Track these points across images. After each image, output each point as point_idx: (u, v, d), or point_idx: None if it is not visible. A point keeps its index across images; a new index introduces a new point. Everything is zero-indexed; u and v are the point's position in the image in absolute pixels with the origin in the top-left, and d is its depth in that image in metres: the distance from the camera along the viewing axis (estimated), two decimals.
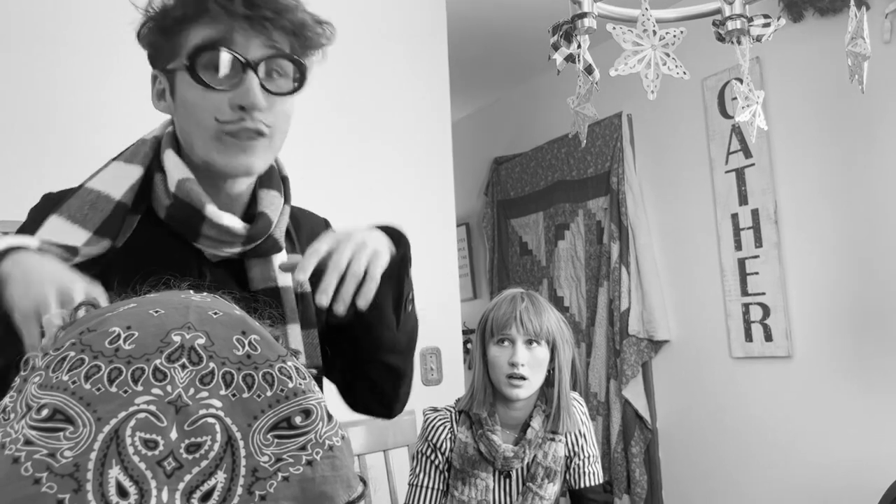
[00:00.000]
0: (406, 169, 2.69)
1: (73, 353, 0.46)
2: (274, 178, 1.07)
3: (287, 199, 1.07)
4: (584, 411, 1.75)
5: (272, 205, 1.02)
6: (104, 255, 0.91)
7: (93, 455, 0.42)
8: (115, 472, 0.42)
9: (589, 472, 1.71)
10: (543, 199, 3.76)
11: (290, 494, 0.44)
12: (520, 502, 1.64)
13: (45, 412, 0.43)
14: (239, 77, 0.89)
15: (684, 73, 0.96)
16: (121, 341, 0.46)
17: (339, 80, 2.61)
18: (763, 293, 2.70)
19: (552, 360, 1.64)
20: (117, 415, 0.43)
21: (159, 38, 0.93)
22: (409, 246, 1.08)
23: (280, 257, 1.02)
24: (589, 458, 1.71)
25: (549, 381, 1.66)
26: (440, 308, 2.72)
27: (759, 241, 2.72)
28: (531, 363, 1.59)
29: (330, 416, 0.50)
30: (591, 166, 3.45)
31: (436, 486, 1.66)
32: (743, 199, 2.77)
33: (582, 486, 1.70)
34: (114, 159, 0.98)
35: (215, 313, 0.50)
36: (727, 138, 2.83)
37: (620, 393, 3.15)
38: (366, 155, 2.62)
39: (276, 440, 0.46)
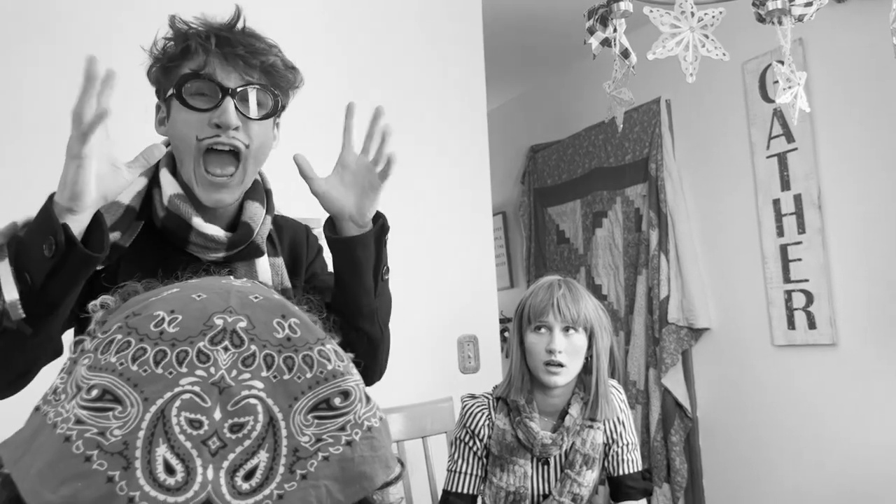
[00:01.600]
0: (442, 158, 2.69)
1: (119, 336, 0.47)
2: (258, 191, 1.22)
3: (269, 209, 1.22)
4: (623, 398, 1.74)
5: (255, 215, 1.17)
6: (117, 250, 1.07)
7: (141, 434, 0.43)
8: (162, 451, 0.43)
9: (628, 460, 1.70)
10: (581, 187, 3.73)
11: (331, 474, 0.46)
12: (558, 489, 1.64)
13: (94, 392, 0.45)
14: (217, 102, 1.06)
15: (724, 54, 0.95)
16: (165, 324, 0.47)
17: (375, 70, 2.62)
18: (806, 280, 2.65)
19: (590, 347, 1.63)
20: (163, 395, 0.44)
21: (160, 74, 1.11)
22: (386, 218, 1.21)
23: (262, 261, 1.19)
24: (627, 445, 1.71)
25: (587, 369, 1.65)
26: (477, 297, 2.73)
27: (801, 227, 2.66)
28: (568, 350, 1.59)
29: (368, 398, 0.51)
30: (629, 153, 3.42)
31: (474, 472, 1.67)
32: (785, 185, 2.72)
33: (620, 473, 1.69)
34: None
35: (255, 297, 0.51)
36: (769, 123, 2.78)
37: (660, 381, 3.13)
38: (401, 145, 2.63)
39: (315, 421, 0.47)
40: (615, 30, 1.09)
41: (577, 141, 3.77)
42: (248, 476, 0.44)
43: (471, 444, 1.69)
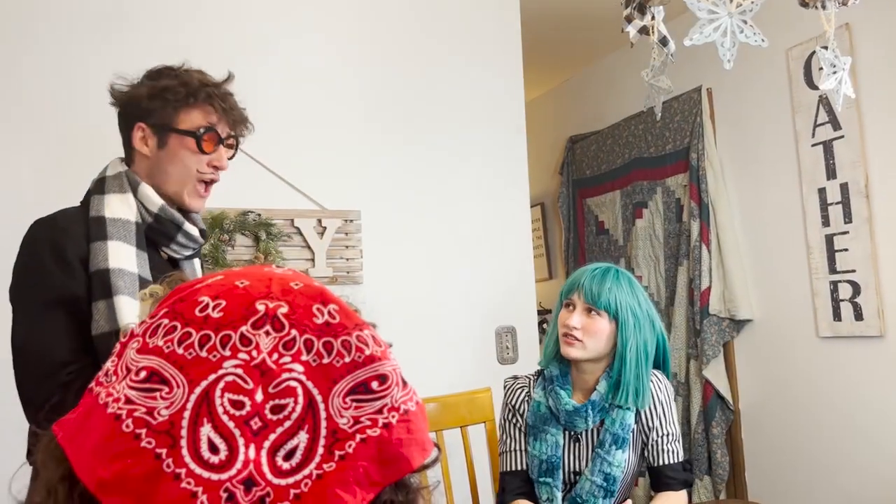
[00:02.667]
0: (480, 150, 2.69)
1: (166, 321, 0.49)
2: None
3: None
4: (664, 388, 1.74)
5: (202, 222, 1.52)
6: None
7: (186, 414, 0.45)
8: (206, 430, 0.45)
9: (668, 451, 1.70)
10: (620, 178, 3.70)
11: (368, 455, 0.47)
12: (589, 468, 1.67)
13: (142, 374, 0.47)
14: (216, 147, 1.43)
15: (763, 40, 0.94)
16: (210, 310, 0.49)
17: (412, 61, 2.63)
18: (853, 270, 2.59)
19: (620, 335, 1.66)
20: (207, 377, 0.46)
21: (159, 107, 1.38)
22: None
23: (197, 261, 1.52)
24: (668, 436, 1.71)
25: (616, 355, 1.69)
26: (515, 288, 2.73)
27: (848, 217, 2.60)
28: (587, 329, 1.66)
29: (405, 383, 0.52)
30: (669, 143, 3.38)
31: (523, 448, 1.75)
32: (831, 173, 2.66)
33: (660, 463, 1.70)
34: (106, 192, 1.38)
35: (296, 284, 0.53)
36: (814, 110, 2.72)
37: (701, 373, 3.09)
38: (440, 137, 2.64)
39: (354, 404, 0.48)
40: (653, 17, 1.08)
41: (617, 131, 3.73)
42: (289, 456, 0.45)
43: (514, 420, 1.77)
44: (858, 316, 2.57)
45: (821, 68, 1.30)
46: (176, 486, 0.43)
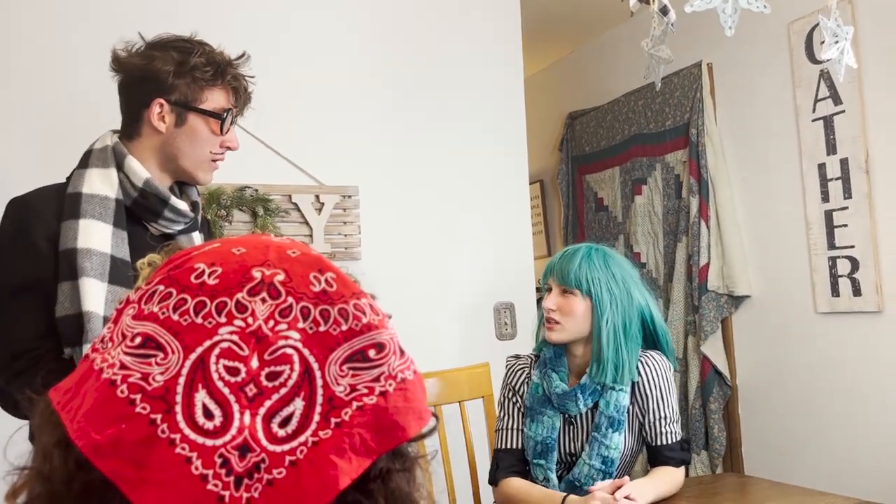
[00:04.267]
0: (478, 126, 2.68)
1: (162, 288, 0.49)
2: None
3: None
4: (660, 369, 1.74)
5: (197, 195, 1.49)
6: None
7: (181, 380, 0.45)
8: (201, 396, 0.44)
9: (666, 432, 1.71)
10: (620, 154, 3.69)
11: (364, 422, 0.47)
12: (587, 452, 1.67)
13: (138, 340, 0.47)
14: (228, 129, 1.41)
15: (764, 6, 0.93)
16: (205, 277, 0.49)
17: (411, 37, 2.61)
18: (852, 246, 2.59)
19: (595, 311, 1.68)
20: (203, 343, 0.46)
21: (186, 84, 1.35)
22: None
23: (196, 235, 1.46)
24: (665, 418, 1.71)
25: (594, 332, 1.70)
26: (514, 264, 2.73)
27: (848, 193, 2.60)
28: (562, 309, 1.68)
29: (402, 352, 0.51)
30: (669, 118, 3.36)
31: (520, 427, 1.77)
32: (831, 149, 2.65)
33: (658, 444, 1.71)
34: (88, 167, 1.34)
35: (293, 252, 0.52)
36: (815, 85, 2.70)
37: (699, 349, 3.10)
38: (437, 113, 2.63)
39: (350, 371, 0.48)
40: None
41: (616, 107, 3.71)
42: (284, 423, 0.45)
43: (514, 399, 1.80)
44: (857, 292, 2.58)
45: (822, 41, 1.29)
46: (171, 452, 0.43)
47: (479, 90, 2.70)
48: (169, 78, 1.33)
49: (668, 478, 1.68)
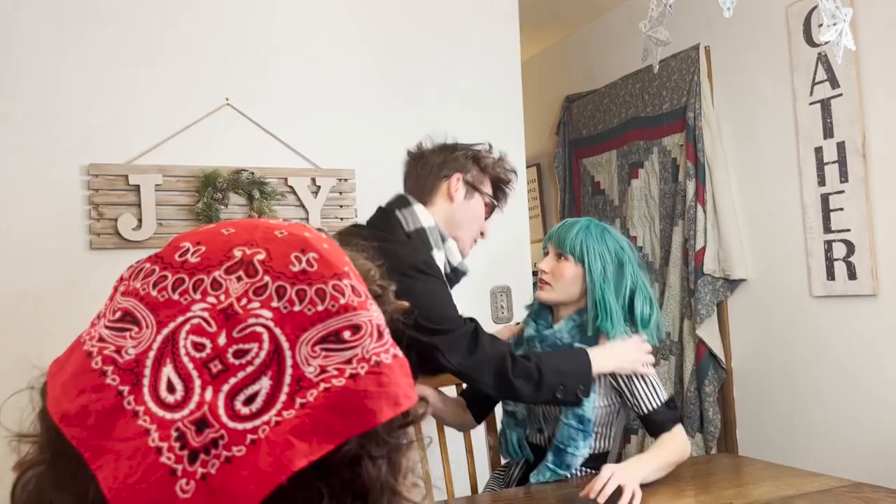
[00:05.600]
0: (475, 110, 2.67)
1: (148, 265, 0.50)
2: None
3: None
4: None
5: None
6: None
7: (151, 354, 0.46)
8: (167, 370, 0.45)
9: (648, 397, 1.74)
10: (617, 137, 3.68)
11: (329, 405, 0.45)
12: (563, 413, 1.73)
13: (118, 314, 0.48)
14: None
15: None
16: (189, 255, 0.50)
17: (408, 20, 2.59)
18: (847, 230, 2.59)
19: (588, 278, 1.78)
20: (175, 319, 0.47)
21: (482, 173, 1.79)
22: None
23: None
24: (644, 385, 1.75)
25: (587, 299, 1.79)
26: (510, 248, 2.73)
27: (844, 176, 2.60)
28: (554, 272, 1.80)
29: (381, 334, 0.50)
30: (666, 102, 3.35)
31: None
32: (828, 132, 2.65)
33: (646, 411, 1.73)
34: (430, 249, 1.67)
35: (280, 233, 0.52)
36: (812, 68, 2.69)
37: (694, 333, 3.11)
38: (435, 96, 2.61)
39: (323, 353, 0.47)
40: None
41: (614, 90, 3.70)
42: (249, 401, 0.45)
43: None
44: (852, 275, 2.58)
45: (821, 24, 1.27)
46: (133, 423, 0.44)
47: (476, 73, 2.69)
48: (467, 162, 1.76)
49: (665, 447, 1.70)
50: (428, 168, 1.75)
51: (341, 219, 2.43)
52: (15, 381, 0.52)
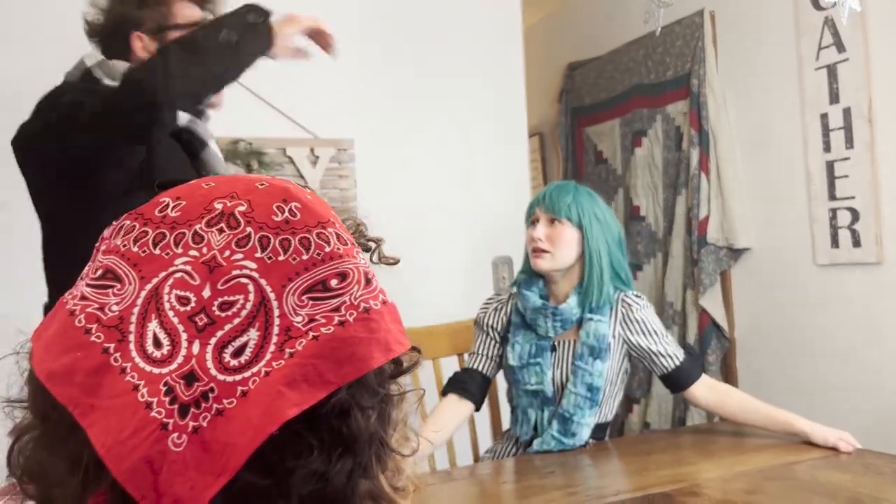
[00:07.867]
0: (476, 78, 2.63)
1: (128, 222, 0.50)
2: None
3: None
4: (640, 306, 1.81)
5: None
6: None
7: (135, 310, 0.45)
8: (153, 326, 0.45)
9: (668, 356, 1.75)
10: (620, 105, 3.63)
11: (319, 353, 0.46)
12: (572, 381, 1.72)
13: (99, 272, 0.48)
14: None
15: None
16: (169, 209, 0.49)
17: None
18: (852, 197, 2.56)
19: (586, 240, 1.75)
20: (158, 274, 0.46)
21: None
22: None
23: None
24: (661, 346, 1.76)
25: (585, 261, 1.77)
26: (512, 219, 2.71)
27: (850, 142, 2.56)
28: (552, 238, 1.73)
29: (369, 281, 0.50)
30: (669, 68, 3.30)
31: (484, 353, 1.84)
32: (834, 98, 2.61)
33: (668, 370, 1.74)
34: None
35: (261, 184, 0.52)
36: (819, 32, 2.64)
37: (697, 302, 3.10)
38: (435, 65, 2.58)
39: (310, 302, 0.47)
40: None
41: (617, 57, 3.65)
42: (238, 353, 0.45)
43: (483, 329, 1.87)
44: (856, 243, 2.56)
45: None
46: (121, 380, 0.43)
47: (477, 41, 2.65)
48: None
49: (752, 399, 1.81)
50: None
51: (341, 189, 2.42)
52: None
